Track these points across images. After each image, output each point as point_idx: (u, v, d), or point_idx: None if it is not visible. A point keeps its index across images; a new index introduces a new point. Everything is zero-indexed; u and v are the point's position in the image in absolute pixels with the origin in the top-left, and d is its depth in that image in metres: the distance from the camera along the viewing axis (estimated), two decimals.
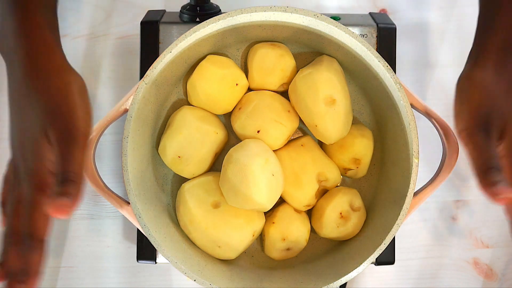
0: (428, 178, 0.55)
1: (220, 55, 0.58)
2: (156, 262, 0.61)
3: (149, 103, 0.54)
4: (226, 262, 0.58)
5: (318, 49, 0.60)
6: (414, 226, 0.70)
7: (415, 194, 0.54)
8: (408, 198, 0.53)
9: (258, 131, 0.56)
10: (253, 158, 0.52)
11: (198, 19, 0.61)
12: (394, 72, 0.55)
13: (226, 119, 0.61)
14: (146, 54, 0.61)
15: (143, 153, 0.55)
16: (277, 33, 0.57)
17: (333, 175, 0.59)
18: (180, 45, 0.52)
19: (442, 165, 0.55)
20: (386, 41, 0.61)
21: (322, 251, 0.61)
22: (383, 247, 0.53)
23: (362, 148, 0.59)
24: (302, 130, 0.62)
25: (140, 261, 0.61)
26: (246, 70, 0.60)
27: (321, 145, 0.61)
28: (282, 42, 0.60)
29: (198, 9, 0.61)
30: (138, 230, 0.60)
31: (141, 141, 0.54)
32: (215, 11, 0.62)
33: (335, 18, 0.60)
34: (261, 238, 0.61)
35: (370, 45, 0.52)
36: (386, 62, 0.53)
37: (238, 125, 0.57)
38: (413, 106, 0.54)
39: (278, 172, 0.55)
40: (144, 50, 0.61)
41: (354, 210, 0.58)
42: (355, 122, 0.61)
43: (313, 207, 0.60)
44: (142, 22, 0.61)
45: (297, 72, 0.58)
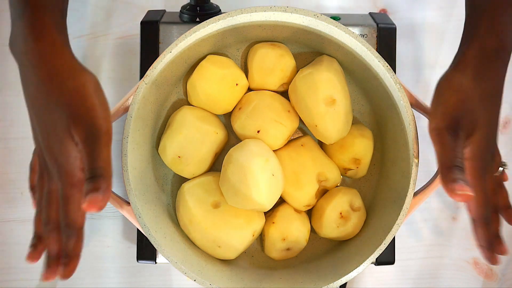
0: (428, 178, 0.55)
1: (220, 55, 0.58)
2: (156, 262, 0.61)
3: (149, 103, 0.54)
4: (226, 262, 0.58)
5: (318, 49, 0.60)
6: (414, 226, 0.70)
7: (415, 194, 0.54)
8: (408, 198, 0.53)
9: (258, 131, 0.56)
10: (253, 158, 0.52)
11: (198, 19, 0.61)
12: (394, 72, 0.55)
13: (226, 119, 0.61)
14: (146, 54, 0.61)
15: (143, 153, 0.55)
16: (277, 33, 0.57)
17: (333, 175, 0.59)
18: (180, 45, 0.52)
19: None
20: (386, 41, 0.62)
21: (322, 251, 0.61)
22: (383, 247, 0.53)
23: (362, 148, 0.59)
24: (302, 130, 0.62)
25: (140, 261, 0.61)
26: (246, 70, 0.60)
27: (321, 145, 0.61)
28: (282, 42, 0.60)
29: (198, 9, 0.61)
30: (138, 230, 0.60)
31: (141, 141, 0.54)
32: (215, 11, 0.62)
33: (335, 18, 0.60)
34: (261, 238, 0.61)
35: (370, 45, 0.52)
36: (386, 62, 0.53)
37: (238, 125, 0.57)
38: (413, 106, 0.54)
39: (278, 172, 0.55)
40: (144, 50, 0.61)
41: (354, 210, 0.58)
42: (355, 122, 0.61)
43: (313, 207, 0.60)
44: (142, 22, 0.61)
45: (297, 72, 0.58)
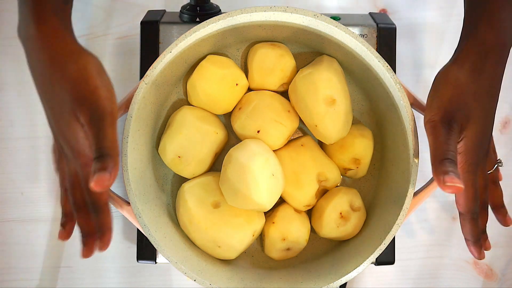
0: (428, 178, 0.55)
1: (220, 55, 0.58)
2: (156, 262, 0.61)
3: (149, 103, 0.54)
4: (226, 262, 0.58)
5: (318, 49, 0.60)
6: (414, 226, 0.70)
7: (415, 194, 0.54)
8: (408, 198, 0.53)
9: (258, 131, 0.56)
10: (253, 158, 0.52)
11: (198, 19, 0.61)
12: (394, 72, 0.55)
13: (226, 119, 0.61)
14: (146, 54, 0.61)
15: (143, 153, 0.55)
16: (277, 33, 0.57)
17: (333, 175, 0.59)
18: (180, 45, 0.52)
19: None
20: (386, 41, 0.61)
21: (322, 251, 0.61)
22: (383, 247, 0.53)
23: (362, 148, 0.59)
24: (302, 130, 0.62)
25: (140, 261, 0.61)
26: (246, 70, 0.60)
27: (321, 145, 0.61)
28: (282, 42, 0.60)
29: (198, 9, 0.61)
30: (138, 230, 0.60)
31: (141, 141, 0.54)
32: (215, 11, 0.62)
33: (335, 18, 0.60)
34: (261, 238, 0.61)
35: (370, 45, 0.52)
36: (386, 62, 0.53)
37: (238, 125, 0.57)
38: (413, 106, 0.54)
39: (278, 172, 0.55)
40: (144, 50, 0.61)
41: (354, 210, 0.58)
42: (355, 122, 0.61)
43: (313, 207, 0.60)
44: (142, 22, 0.61)
45: (297, 72, 0.58)
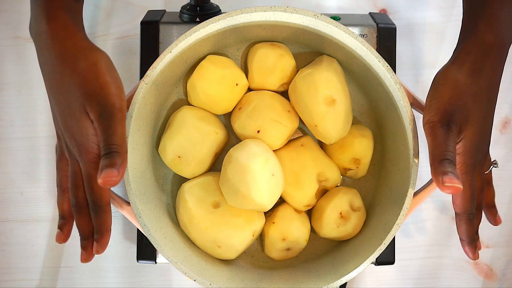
0: (428, 178, 0.55)
1: (220, 55, 0.58)
2: (156, 262, 0.61)
3: (149, 103, 0.54)
4: (226, 262, 0.58)
5: (318, 49, 0.60)
6: (414, 226, 0.70)
7: (415, 194, 0.54)
8: (408, 198, 0.53)
9: (258, 131, 0.56)
10: (253, 158, 0.52)
11: (198, 19, 0.61)
12: (394, 72, 0.55)
13: (226, 119, 0.61)
14: (146, 54, 0.61)
15: (143, 153, 0.55)
16: (277, 33, 0.57)
17: (333, 175, 0.59)
18: (180, 45, 0.52)
19: None
20: (386, 41, 0.61)
21: (322, 251, 0.61)
22: (383, 247, 0.53)
23: (362, 148, 0.59)
24: (302, 130, 0.62)
25: (140, 261, 0.61)
26: (246, 70, 0.60)
27: (321, 145, 0.61)
28: (282, 42, 0.60)
29: (198, 9, 0.61)
30: (138, 230, 0.60)
31: (141, 141, 0.54)
32: (215, 11, 0.62)
33: (335, 18, 0.60)
34: (261, 238, 0.61)
35: (370, 45, 0.52)
36: (386, 62, 0.53)
37: (238, 125, 0.57)
38: (413, 106, 0.54)
39: (278, 172, 0.55)
40: (144, 50, 0.61)
41: (354, 210, 0.58)
42: (355, 122, 0.61)
43: (313, 207, 0.60)
44: (142, 22, 0.61)
45: (297, 72, 0.58)
